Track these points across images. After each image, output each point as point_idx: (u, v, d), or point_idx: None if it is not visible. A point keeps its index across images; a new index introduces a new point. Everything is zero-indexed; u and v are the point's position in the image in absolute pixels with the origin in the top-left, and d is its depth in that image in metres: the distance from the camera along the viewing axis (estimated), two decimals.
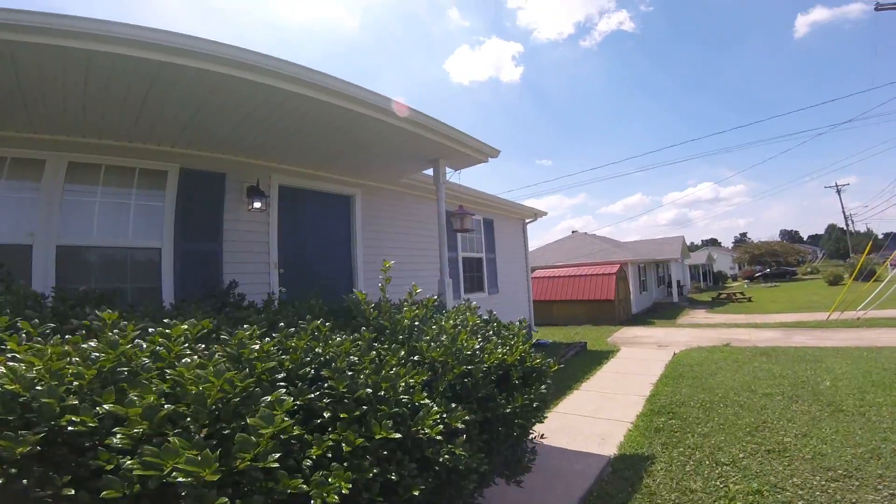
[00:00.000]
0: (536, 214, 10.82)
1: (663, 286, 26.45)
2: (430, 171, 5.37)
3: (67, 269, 4.09)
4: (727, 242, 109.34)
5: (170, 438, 1.21)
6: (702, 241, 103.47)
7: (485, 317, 3.60)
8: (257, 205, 4.78)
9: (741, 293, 24.29)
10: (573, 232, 27.44)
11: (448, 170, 5.40)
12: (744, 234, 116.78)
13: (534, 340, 10.65)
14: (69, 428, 1.20)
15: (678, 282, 25.57)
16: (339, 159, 5.12)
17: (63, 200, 4.08)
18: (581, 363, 7.98)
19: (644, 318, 17.05)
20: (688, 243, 34.52)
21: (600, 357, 8.55)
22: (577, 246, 22.61)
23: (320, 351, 1.98)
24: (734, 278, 54.53)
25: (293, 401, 1.51)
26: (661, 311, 19.51)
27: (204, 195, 4.65)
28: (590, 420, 4.90)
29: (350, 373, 1.85)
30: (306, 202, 5.50)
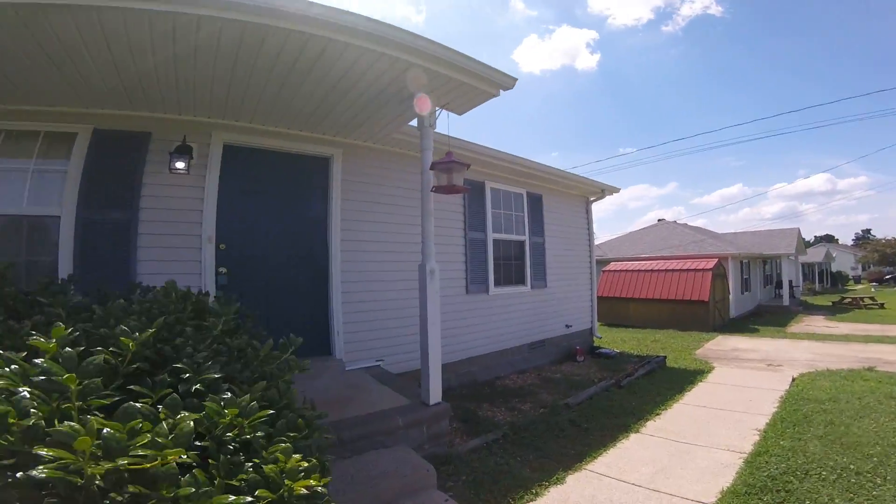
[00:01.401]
0: (604, 190, 8.56)
1: (770, 286, 21.59)
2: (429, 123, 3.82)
3: None
4: (845, 240, 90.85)
5: None
6: (814, 237, 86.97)
7: None
8: (179, 164, 3.64)
9: (871, 298, 19.26)
10: (659, 220, 23.67)
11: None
12: (867, 231, 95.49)
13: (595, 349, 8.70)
14: None
15: (790, 282, 20.76)
16: (304, 109, 3.80)
17: None
18: (653, 387, 5.78)
19: (745, 324, 13.58)
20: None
21: (683, 379, 6.19)
22: (663, 236, 19.19)
23: None
24: (857, 280, 46.16)
25: None
26: (768, 317, 15.55)
27: (119, 158, 3.64)
28: (640, 497, 3.00)
29: None
30: (267, 166, 4.27)
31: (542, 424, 4.20)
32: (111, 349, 1.29)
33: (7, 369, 1.04)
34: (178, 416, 1.07)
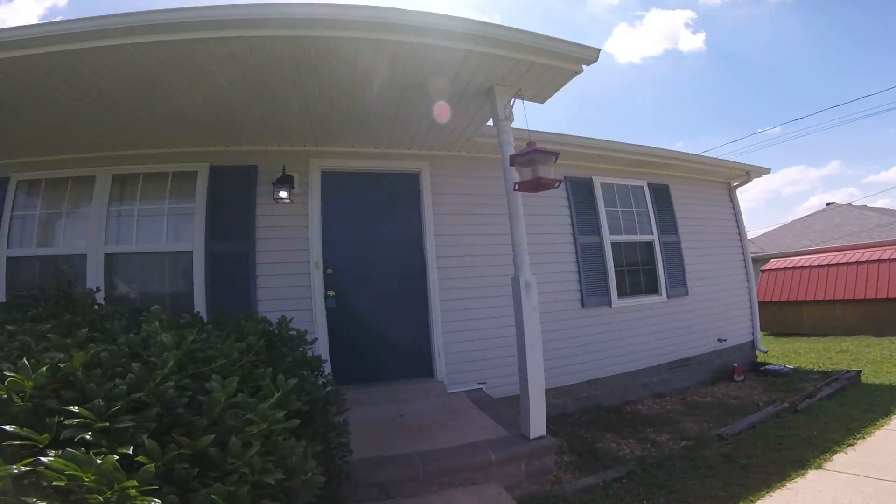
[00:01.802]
0: (749, 172, 6.93)
1: None
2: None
3: (114, 275, 3.93)
4: None
5: None
6: None
7: None
8: (282, 194, 3.81)
9: None
10: (828, 204, 18.90)
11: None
12: None
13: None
14: None
15: None
16: (386, 123, 3.74)
17: (108, 212, 3.94)
18: (843, 410, 4.26)
19: None
20: None
21: (888, 399, 4.50)
22: (836, 223, 15.19)
23: None
24: None
25: None
26: None
27: (234, 192, 3.98)
28: None
29: None
30: (361, 187, 4.29)
31: (683, 460, 3.32)
32: None
33: None
34: None
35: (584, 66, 2.95)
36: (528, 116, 4.82)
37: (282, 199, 3.82)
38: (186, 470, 1.08)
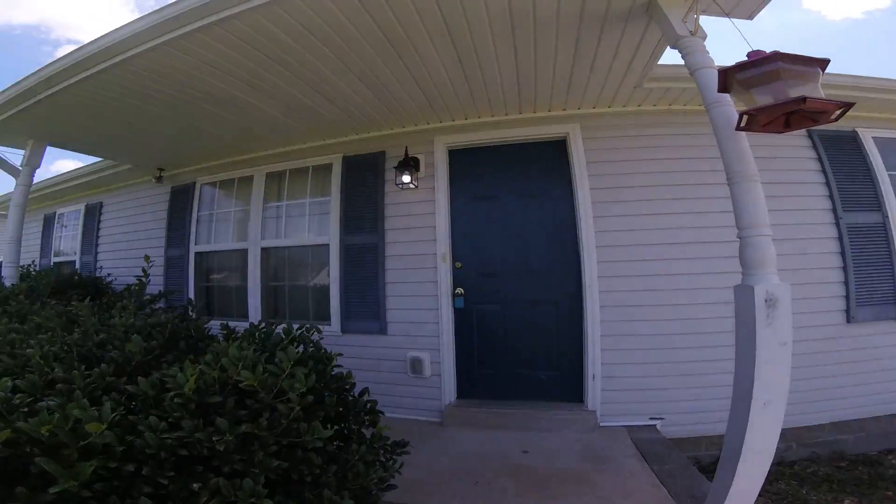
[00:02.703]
0: None
1: None
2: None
3: (268, 267, 4.13)
4: None
5: None
6: None
7: None
8: (405, 179, 3.36)
9: None
10: None
11: None
12: None
13: None
14: None
15: None
16: (518, 77, 2.89)
17: (263, 208, 4.15)
18: None
19: None
20: None
21: None
22: None
23: None
24: None
25: None
26: None
27: (363, 182, 3.72)
28: None
29: None
30: (493, 163, 3.53)
31: None
32: None
33: None
34: None
35: None
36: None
37: (405, 183, 3.39)
38: None
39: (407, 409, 3.38)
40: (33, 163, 3.74)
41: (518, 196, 3.44)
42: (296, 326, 1.63)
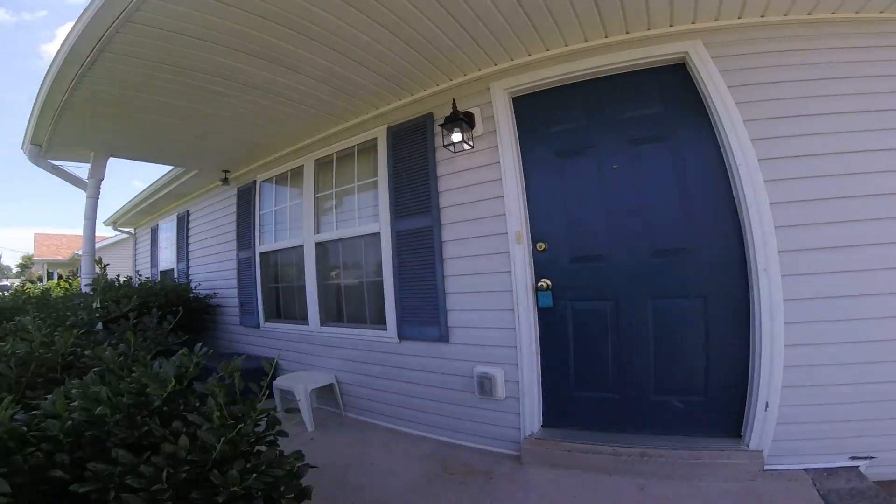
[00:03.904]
0: None
1: None
2: None
3: (325, 262, 3.67)
4: None
5: None
6: None
7: None
8: (455, 138, 2.54)
9: None
10: None
11: None
12: None
13: None
14: None
15: None
16: None
17: (315, 200, 3.69)
18: None
19: None
20: None
21: None
22: None
23: None
24: None
25: None
26: None
27: (411, 153, 2.98)
28: None
29: None
30: (579, 106, 2.52)
31: None
32: None
33: None
34: None
35: None
36: None
37: (456, 144, 2.58)
38: None
39: (468, 434, 2.64)
40: (97, 174, 3.70)
41: (623, 145, 2.39)
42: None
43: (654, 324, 2.26)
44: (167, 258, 6.52)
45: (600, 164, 2.41)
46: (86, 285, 3.49)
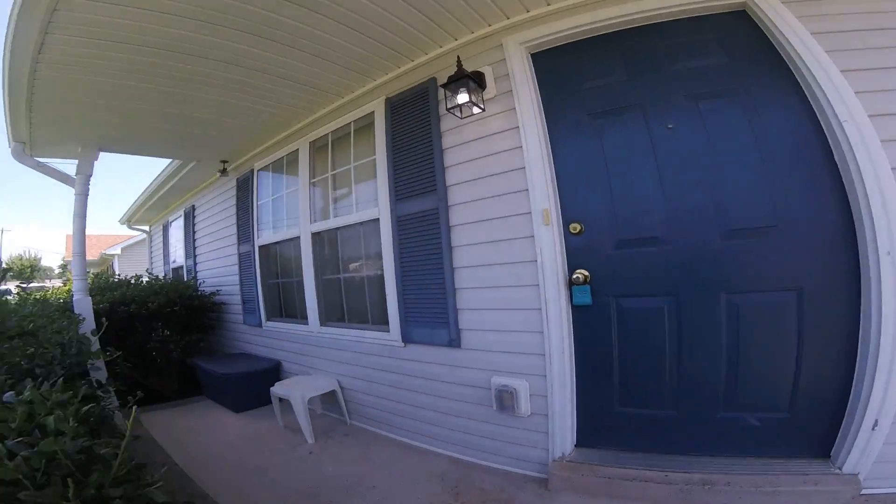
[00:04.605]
0: None
1: None
2: None
3: (322, 254, 3.28)
4: None
5: None
6: None
7: None
8: (461, 99, 2.06)
9: None
10: None
11: None
12: None
13: None
14: None
15: None
16: None
17: (311, 186, 3.29)
18: None
19: None
20: None
21: None
22: None
23: None
24: None
25: None
26: None
27: (412, 126, 2.52)
28: None
29: None
30: (615, 63, 1.99)
31: None
32: None
33: None
34: None
35: None
36: None
37: (463, 107, 2.09)
38: None
39: (485, 452, 2.19)
40: (85, 170, 3.37)
41: (678, 101, 1.86)
42: None
43: (727, 325, 1.75)
44: (178, 255, 6.29)
45: (649, 125, 1.90)
46: (77, 290, 3.21)
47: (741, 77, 1.80)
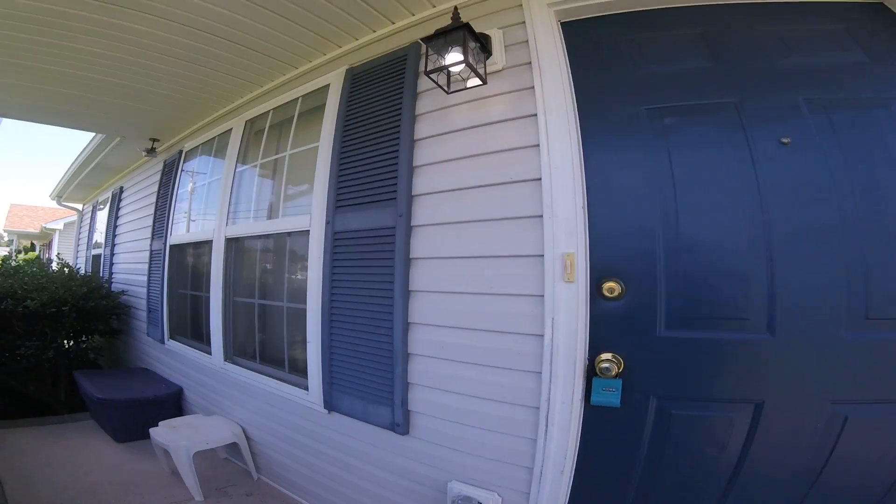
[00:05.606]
0: None
1: None
2: None
3: (235, 272, 2.35)
4: None
5: None
6: None
7: None
8: (453, 58, 1.25)
9: None
10: None
11: None
12: None
13: None
14: None
15: None
16: None
17: (235, 176, 2.40)
18: None
19: None
20: None
21: None
22: None
23: None
24: None
25: None
26: None
27: (374, 103, 1.69)
28: None
29: None
30: (705, 43, 1.26)
31: None
32: None
33: None
34: None
35: None
36: None
37: (452, 73, 1.31)
38: None
39: None
40: None
41: (795, 108, 1.12)
42: None
43: (841, 452, 0.97)
44: (101, 241, 5.17)
45: (749, 136, 1.15)
46: None
47: (891, 83, 1.09)
